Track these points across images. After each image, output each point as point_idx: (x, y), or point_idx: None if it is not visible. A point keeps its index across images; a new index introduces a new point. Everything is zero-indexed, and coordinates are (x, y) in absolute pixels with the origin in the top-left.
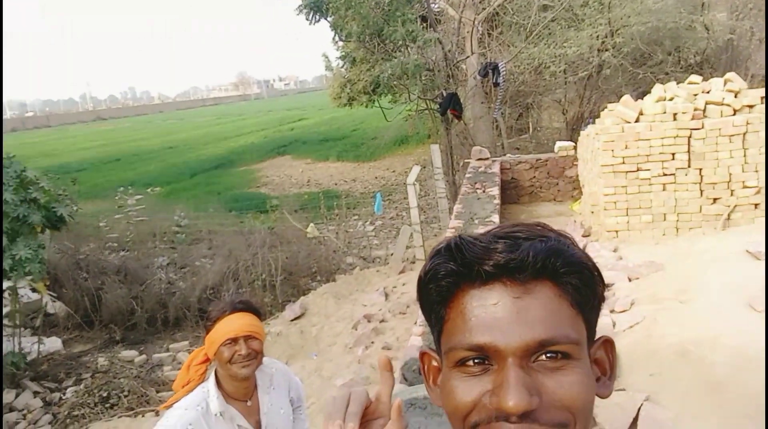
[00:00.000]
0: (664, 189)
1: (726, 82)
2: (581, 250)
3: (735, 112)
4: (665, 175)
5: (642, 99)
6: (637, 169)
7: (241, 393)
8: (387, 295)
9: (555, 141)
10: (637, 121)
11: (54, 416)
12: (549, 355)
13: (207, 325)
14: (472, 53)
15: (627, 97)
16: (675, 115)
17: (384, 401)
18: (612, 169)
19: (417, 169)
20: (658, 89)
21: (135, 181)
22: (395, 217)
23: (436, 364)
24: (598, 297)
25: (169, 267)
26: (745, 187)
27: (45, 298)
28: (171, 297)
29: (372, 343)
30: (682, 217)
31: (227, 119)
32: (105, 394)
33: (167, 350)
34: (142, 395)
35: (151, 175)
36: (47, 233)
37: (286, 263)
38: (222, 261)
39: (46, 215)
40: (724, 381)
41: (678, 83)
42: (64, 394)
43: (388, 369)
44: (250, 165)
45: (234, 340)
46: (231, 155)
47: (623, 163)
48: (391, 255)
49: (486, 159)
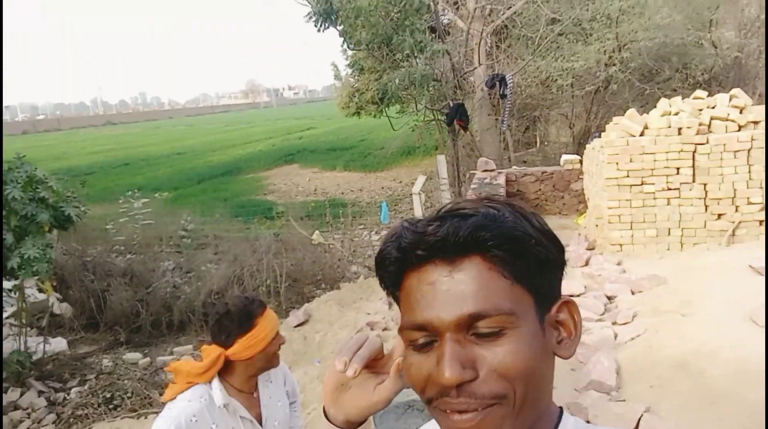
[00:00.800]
0: (668, 203)
1: (731, 98)
2: (519, 219)
3: (740, 127)
4: (670, 189)
5: (648, 114)
6: (642, 183)
7: (251, 386)
8: (390, 304)
9: (562, 155)
10: (642, 134)
11: (58, 416)
12: (485, 328)
13: (246, 325)
14: (479, 65)
15: (632, 111)
16: (680, 129)
17: (395, 359)
18: (617, 182)
19: (422, 179)
20: (663, 104)
21: (143, 185)
22: None
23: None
24: (540, 262)
25: (175, 271)
26: (750, 203)
27: (51, 299)
28: (176, 301)
29: None
30: (686, 231)
31: (236, 127)
32: (109, 395)
33: (171, 353)
34: (145, 397)
35: (159, 180)
36: (55, 233)
37: (290, 270)
38: (227, 266)
39: (54, 215)
40: (723, 394)
41: (684, 98)
42: (68, 394)
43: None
44: (257, 172)
45: (277, 332)
46: (239, 162)
47: (628, 176)
48: None
49: (492, 170)
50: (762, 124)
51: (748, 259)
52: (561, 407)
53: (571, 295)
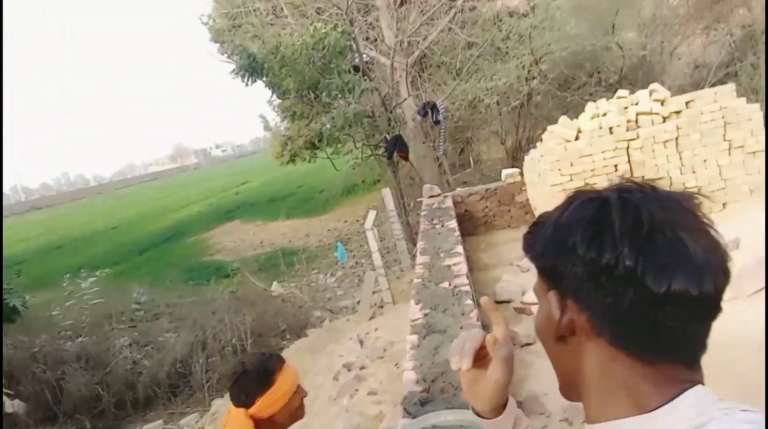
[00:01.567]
0: None
1: (651, 92)
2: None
3: (664, 119)
4: None
5: (576, 119)
6: (585, 184)
7: None
8: (362, 342)
9: (498, 171)
10: (577, 139)
11: None
12: None
13: (264, 382)
14: (408, 96)
15: (564, 118)
16: (611, 128)
17: (501, 338)
18: (562, 187)
19: (373, 214)
20: (591, 107)
21: (83, 265)
22: (355, 266)
23: None
24: (545, 270)
25: (132, 346)
26: (686, 188)
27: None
28: (138, 377)
29: (356, 390)
30: None
31: (169, 192)
32: None
33: None
34: None
35: (99, 257)
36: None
37: (254, 325)
38: (188, 332)
39: None
40: (708, 366)
41: (607, 100)
42: None
43: (492, 308)
44: (200, 234)
45: (298, 385)
46: (179, 227)
47: (571, 180)
48: (359, 302)
49: (438, 195)
50: (684, 112)
51: None
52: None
53: None
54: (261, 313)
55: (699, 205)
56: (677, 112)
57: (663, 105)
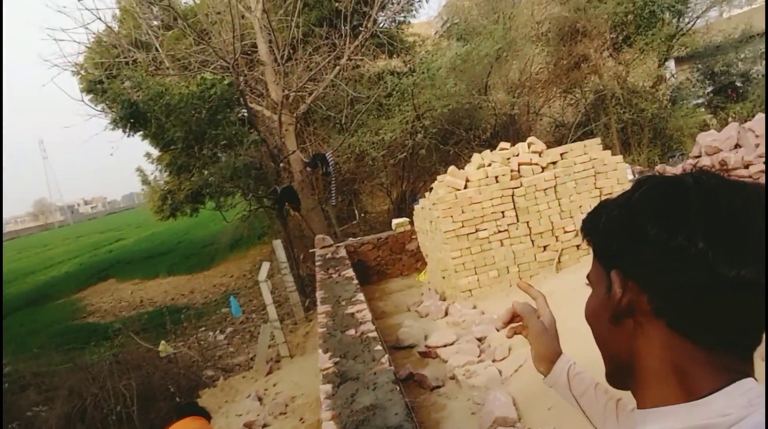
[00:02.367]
0: (501, 245)
1: (530, 145)
2: (607, 215)
3: (543, 169)
4: (500, 231)
5: (463, 169)
6: (476, 230)
7: None
8: (261, 399)
9: (383, 222)
10: (466, 187)
11: None
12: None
13: None
14: (296, 150)
15: (453, 168)
16: (497, 177)
17: (543, 314)
18: (455, 233)
19: (267, 265)
20: (477, 158)
21: None
22: (245, 321)
23: None
24: (607, 250)
25: None
26: (566, 232)
27: None
28: None
29: None
30: (522, 267)
31: (30, 252)
32: None
33: None
34: None
35: None
36: None
37: (140, 389)
38: (62, 403)
39: None
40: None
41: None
42: None
43: (525, 287)
44: (69, 296)
45: None
46: (43, 289)
47: (463, 226)
48: (253, 358)
49: (330, 245)
50: (560, 163)
51: (579, 280)
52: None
53: (445, 345)
54: (147, 376)
55: None
56: (554, 162)
57: (540, 156)
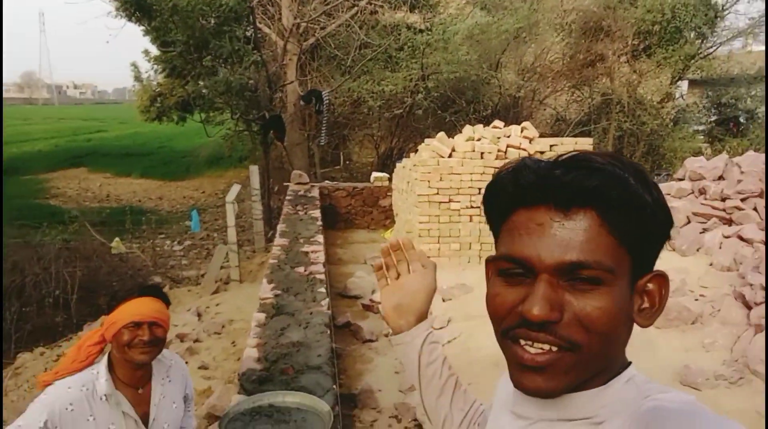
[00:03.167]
0: (470, 220)
1: (523, 129)
2: (640, 186)
3: (530, 156)
4: (472, 207)
5: (454, 138)
6: (449, 201)
7: (134, 380)
8: (200, 315)
9: (366, 174)
10: (451, 156)
11: None
12: (582, 278)
13: (111, 304)
14: (294, 80)
15: (442, 134)
16: (482, 154)
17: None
18: (428, 199)
19: (237, 188)
20: (467, 130)
21: None
22: (206, 238)
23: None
24: (649, 231)
25: None
26: None
27: None
28: None
29: (186, 363)
30: (485, 246)
31: (9, 122)
32: None
33: None
34: None
35: None
36: None
37: (83, 280)
38: (3, 275)
39: None
40: None
41: (483, 127)
42: None
43: (410, 246)
44: (36, 174)
45: (138, 324)
46: (12, 162)
47: (437, 193)
48: (203, 275)
49: (305, 184)
50: (546, 154)
51: None
52: (630, 362)
53: None
54: (94, 269)
55: None
56: (541, 152)
57: (530, 143)
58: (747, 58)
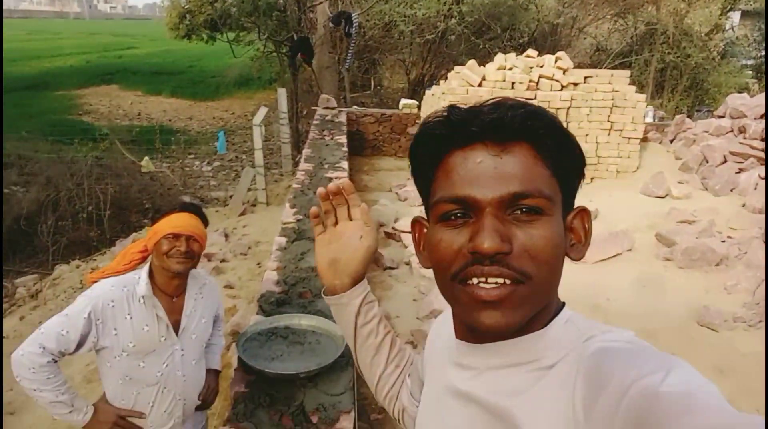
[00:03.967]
0: None
1: (557, 59)
2: (557, 119)
3: (563, 87)
4: None
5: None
6: None
7: (170, 289)
8: (227, 236)
9: (396, 101)
10: (480, 85)
11: None
12: (523, 209)
13: (155, 217)
14: (324, 0)
15: (472, 62)
16: (513, 83)
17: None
18: None
19: (264, 111)
20: (499, 58)
21: None
22: (234, 160)
23: (425, 231)
24: (575, 164)
25: None
26: None
27: None
28: None
29: None
30: None
31: (41, 36)
32: None
33: None
34: None
35: None
36: None
37: (115, 197)
38: (38, 189)
39: None
40: None
41: (516, 56)
42: None
43: (351, 191)
44: (68, 90)
45: (176, 236)
46: (45, 77)
47: None
48: (231, 197)
49: (333, 108)
50: (581, 86)
51: None
52: (564, 302)
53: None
54: (125, 187)
55: None
56: (575, 84)
57: (564, 74)
58: None
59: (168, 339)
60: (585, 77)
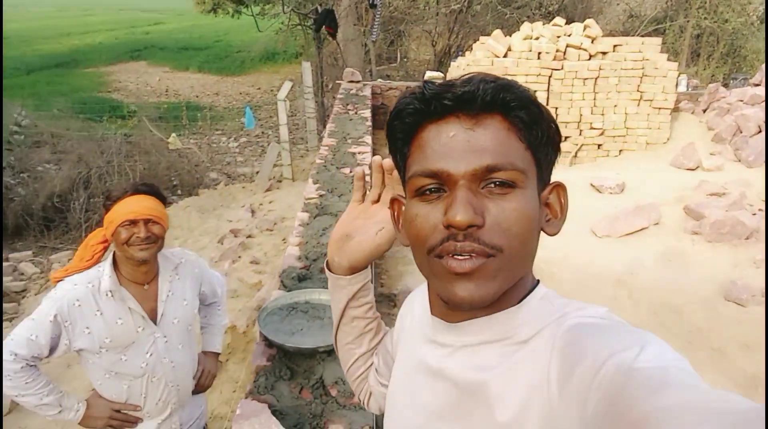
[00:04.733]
0: None
1: (585, 27)
2: (531, 92)
3: (591, 56)
4: None
5: (511, 36)
6: None
7: (139, 277)
8: (253, 212)
9: (422, 72)
10: (506, 56)
11: None
12: (496, 182)
13: (107, 204)
14: None
15: (498, 32)
16: (539, 54)
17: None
18: None
19: (289, 85)
20: (525, 27)
21: None
22: (260, 135)
23: (404, 208)
24: (548, 138)
25: (6, 170)
26: (592, 128)
27: None
28: (9, 203)
29: (239, 257)
30: None
31: (70, 13)
32: None
33: (6, 260)
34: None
35: None
36: None
37: (144, 174)
38: (70, 167)
39: None
40: (568, 294)
41: (543, 25)
42: None
43: (390, 169)
44: (98, 67)
45: (133, 222)
46: (75, 54)
47: None
48: (257, 172)
49: (358, 82)
50: (609, 54)
51: (588, 178)
52: (538, 279)
53: None
54: (154, 163)
55: None
56: (604, 53)
57: (593, 43)
58: None
59: (146, 329)
60: (614, 45)
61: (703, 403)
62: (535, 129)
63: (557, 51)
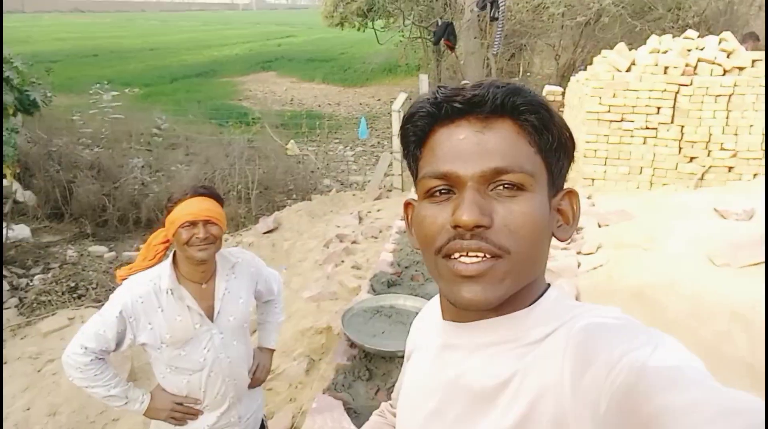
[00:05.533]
0: (644, 142)
1: (721, 40)
2: (542, 97)
3: (725, 72)
4: (648, 128)
5: (636, 50)
6: (621, 119)
7: (197, 276)
8: (361, 219)
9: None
10: (629, 70)
11: (20, 300)
12: (505, 185)
13: (168, 206)
14: None
15: (621, 45)
16: (666, 68)
17: None
18: (597, 116)
19: (403, 96)
20: (653, 41)
21: (112, 78)
22: (376, 145)
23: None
24: (560, 143)
25: (144, 169)
26: (723, 148)
27: (15, 185)
28: (144, 198)
29: (342, 261)
30: (657, 171)
31: (212, 27)
32: (73, 285)
33: (138, 250)
34: (110, 289)
35: (130, 74)
36: (19, 118)
37: (262, 177)
38: (198, 168)
39: (18, 98)
40: (675, 324)
41: (674, 38)
42: (31, 281)
43: None
44: (232, 77)
45: (193, 223)
46: (213, 65)
47: (609, 111)
48: (369, 181)
49: None
50: (747, 70)
51: (713, 203)
52: (549, 283)
53: None
54: (272, 168)
55: None
56: (741, 68)
57: (729, 57)
58: None
59: (203, 325)
60: (753, 60)
61: (716, 401)
62: (546, 134)
63: (686, 65)
